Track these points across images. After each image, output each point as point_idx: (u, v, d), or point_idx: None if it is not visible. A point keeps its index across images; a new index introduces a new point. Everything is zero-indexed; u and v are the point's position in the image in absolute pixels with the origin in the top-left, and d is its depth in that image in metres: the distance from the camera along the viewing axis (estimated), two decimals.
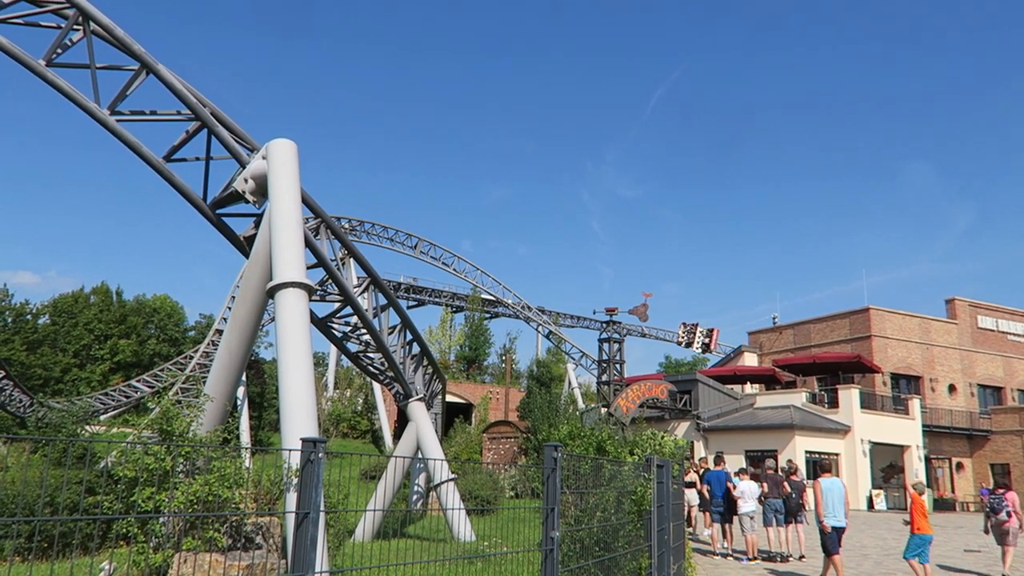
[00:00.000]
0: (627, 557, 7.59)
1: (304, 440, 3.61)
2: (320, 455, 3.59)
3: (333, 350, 52.56)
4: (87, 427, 36.02)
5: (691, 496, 18.94)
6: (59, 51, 13.33)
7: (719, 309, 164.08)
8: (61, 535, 15.40)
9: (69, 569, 11.87)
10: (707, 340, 62.69)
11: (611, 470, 7.72)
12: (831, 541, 12.68)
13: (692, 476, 19.68)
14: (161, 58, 13.68)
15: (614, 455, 8.67)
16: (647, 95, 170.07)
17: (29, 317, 59.10)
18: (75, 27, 13.35)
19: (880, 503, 36.79)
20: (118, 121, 13.33)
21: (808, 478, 25.21)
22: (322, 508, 4.14)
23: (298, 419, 10.71)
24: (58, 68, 13.33)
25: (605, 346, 38.94)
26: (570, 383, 56.16)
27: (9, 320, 57.96)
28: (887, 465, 39.39)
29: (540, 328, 63.91)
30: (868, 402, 39.61)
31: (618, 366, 38.47)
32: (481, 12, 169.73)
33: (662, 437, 12.68)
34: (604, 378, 38.63)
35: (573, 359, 59.66)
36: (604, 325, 40.43)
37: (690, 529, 18.96)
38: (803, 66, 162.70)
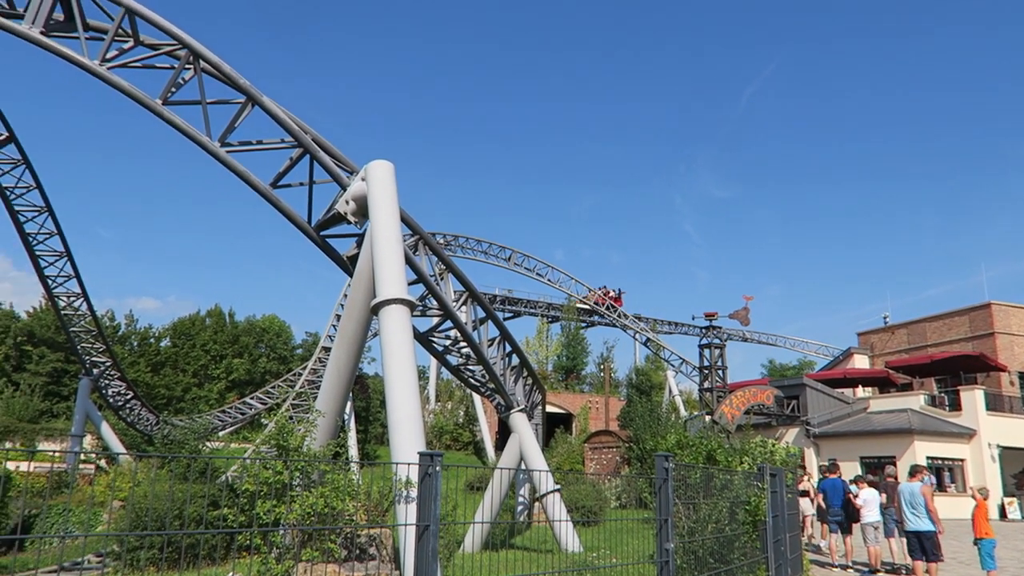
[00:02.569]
0: (743, 569, 7.37)
1: (422, 454, 3.70)
2: (437, 468, 3.67)
3: (434, 363, 53.54)
4: (207, 443, 38.06)
5: (805, 505, 18.23)
6: (173, 90, 14.22)
7: (824, 310, 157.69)
8: (189, 546, 16.24)
9: None
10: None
11: (722, 479, 7.53)
12: (911, 546, 12.55)
13: (805, 484, 18.94)
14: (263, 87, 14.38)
15: (724, 464, 8.45)
16: (739, 92, 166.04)
17: (152, 340, 63.04)
18: (186, 66, 14.22)
19: (1014, 511, 34.29)
20: (228, 152, 14.08)
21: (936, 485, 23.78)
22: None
23: (406, 432, 10.94)
24: (173, 106, 14.23)
25: (706, 352, 38.07)
26: (670, 391, 55.15)
27: (135, 344, 61.97)
28: (1020, 471, 36.70)
29: (637, 336, 63.10)
30: (994, 403, 37.04)
31: (720, 372, 37.52)
32: (563, 14, 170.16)
33: (772, 445, 12.26)
34: (706, 385, 37.75)
35: (673, 366, 58.58)
36: (703, 330, 39.54)
37: (805, 539, 18.24)
38: (904, 55, 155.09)
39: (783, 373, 79.81)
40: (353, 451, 42.45)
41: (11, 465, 29.84)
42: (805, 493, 18.37)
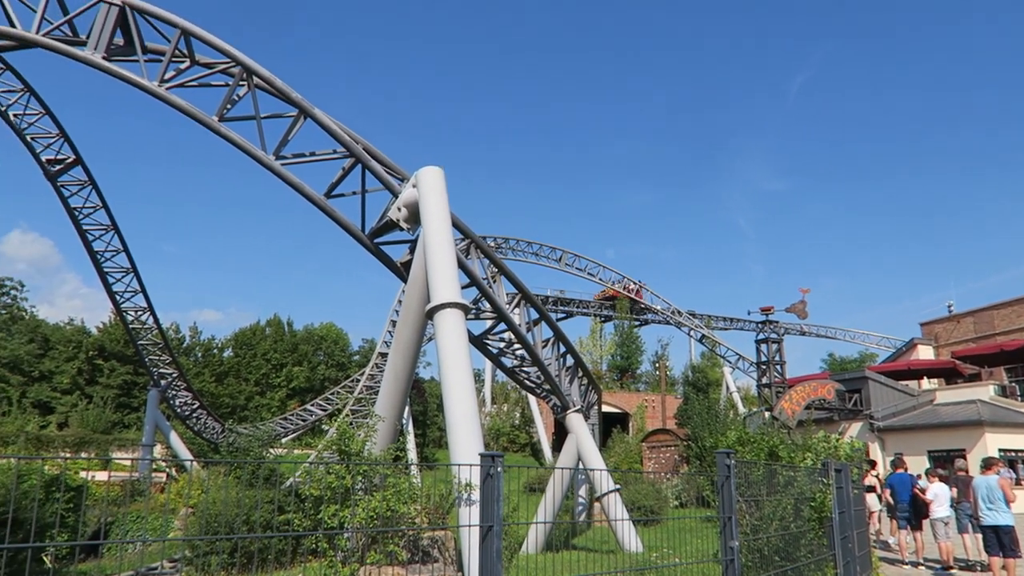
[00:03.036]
0: (811, 567, 7.24)
1: (483, 455, 3.76)
2: (499, 469, 3.72)
3: (488, 366, 53.83)
4: (271, 450, 38.93)
5: (872, 501, 17.78)
6: (228, 106, 14.64)
7: (885, 301, 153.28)
8: (257, 550, 16.64)
9: None
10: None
11: (786, 476, 7.41)
12: (987, 542, 12.08)
13: (871, 479, 18.47)
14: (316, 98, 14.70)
15: (787, 460, 8.31)
16: (788, 81, 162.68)
17: (215, 351, 64.83)
18: (240, 83, 14.62)
19: None
20: (283, 165, 14.43)
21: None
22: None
23: (464, 435, 11.05)
24: (229, 122, 14.65)
25: (763, 347, 37.42)
26: (728, 387, 54.35)
27: (199, 355, 63.82)
28: None
29: (692, 332, 62.36)
30: None
31: (778, 367, 36.84)
32: (603, 11, 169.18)
33: (836, 440, 12.00)
34: (764, 380, 37.11)
35: (729, 362, 57.72)
36: (760, 325, 38.89)
37: (873, 535, 17.78)
38: (959, 40, 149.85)
39: (844, 366, 77.82)
40: (412, 455, 42.92)
41: (87, 474, 31.04)
42: (871, 488, 17.92)
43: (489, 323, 18.45)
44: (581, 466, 19.86)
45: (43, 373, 55.91)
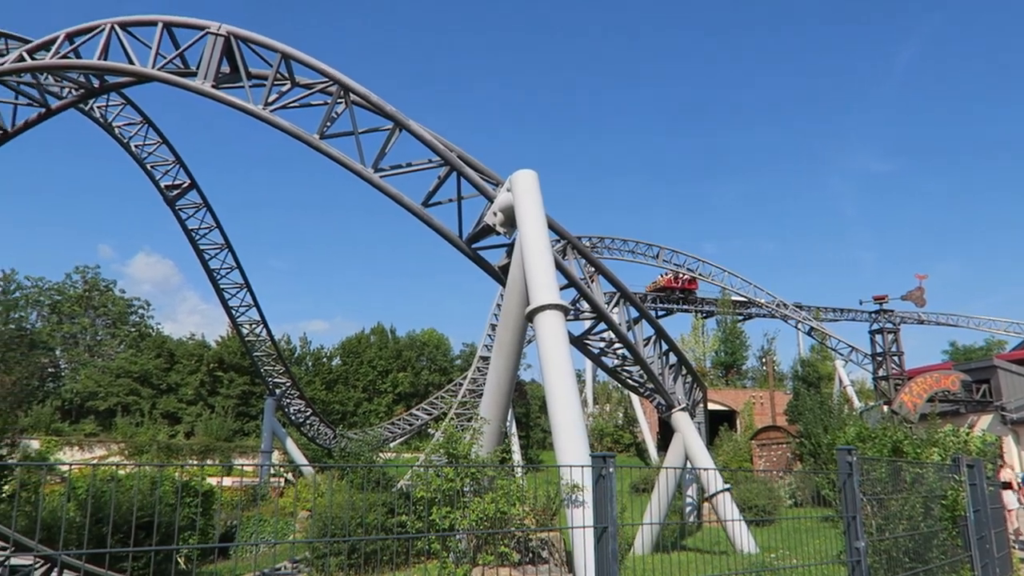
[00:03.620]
0: (944, 569, 6.83)
1: (595, 456, 3.74)
2: (611, 469, 3.69)
3: (589, 366, 53.61)
4: (380, 454, 40.13)
5: (1009, 499, 16.61)
6: (328, 124, 15.19)
7: (1011, 283, 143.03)
8: (372, 552, 17.13)
9: None
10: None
11: (912, 473, 7.02)
12: None
13: (1007, 475, 17.28)
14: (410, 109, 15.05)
15: (912, 456, 7.87)
16: (893, 56, 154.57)
17: (325, 360, 67.35)
18: (338, 100, 15.15)
19: None
20: (382, 177, 14.85)
21: None
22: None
23: (569, 437, 11.03)
24: (329, 139, 15.19)
25: (878, 338, 35.67)
26: (840, 381, 52.08)
27: (310, 364, 66.47)
28: None
29: (800, 325, 60.11)
30: None
31: (896, 358, 35.02)
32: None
33: (966, 433, 11.28)
34: (880, 373, 35.35)
35: (841, 355, 55.27)
36: (874, 315, 37.08)
37: (1012, 535, 16.61)
38: None
39: (968, 356, 73.08)
40: (517, 457, 43.22)
41: (213, 480, 32.86)
42: (1007, 485, 16.77)
43: (588, 323, 18.37)
44: (689, 465, 19.49)
45: (170, 386, 59.56)
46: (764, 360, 60.36)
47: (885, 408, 33.01)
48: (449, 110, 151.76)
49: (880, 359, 35.40)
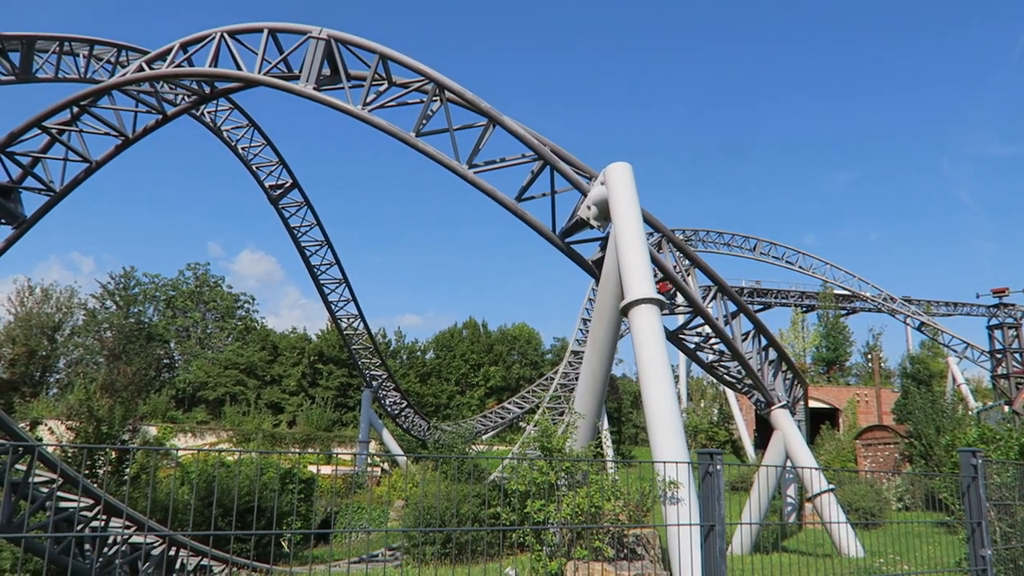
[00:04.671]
0: None
1: (701, 452, 3.67)
2: (719, 467, 3.61)
3: (683, 362, 52.74)
4: (473, 446, 40.73)
5: None
6: (424, 122, 15.47)
7: None
8: (467, 542, 17.40)
9: (483, 571, 13.25)
10: None
11: None
12: None
13: None
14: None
15: None
16: (1018, 32, 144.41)
17: (419, 354, 68.88)
18: (434, 98, 15.41)
19: None
20: (476, 173, 15.02)
21: None
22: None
23: (666, 433, 10.89)
24: (425, 136, 15.48)
25: (997, 334, 33.57)
26: (954, 379, 49.31)
27: (404, 357, 68.11)
28: None
29: (909, 320, 57.23)
30: None
31: (1017, 355, 32.83)
32: None
33: None
34: (1000, 371, 33.24)
35: (955, 352, 52.30)
36: (992, 309, 34.89)
37: None
38: None
39: None
40: (609, 452, 42.98)
41: (312, 468, 34.17)
42: None
43: (683, 318, 18.07)
44: (788, 464, 18.90)
45: (273, 377, 62.28)
46: (869, 356, 57.77)
47: (1006, 408, 31.04)
48: (543, 98, 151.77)
49: (999, 356, 33.31)
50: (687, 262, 17.91)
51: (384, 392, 43.97)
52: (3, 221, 18.18)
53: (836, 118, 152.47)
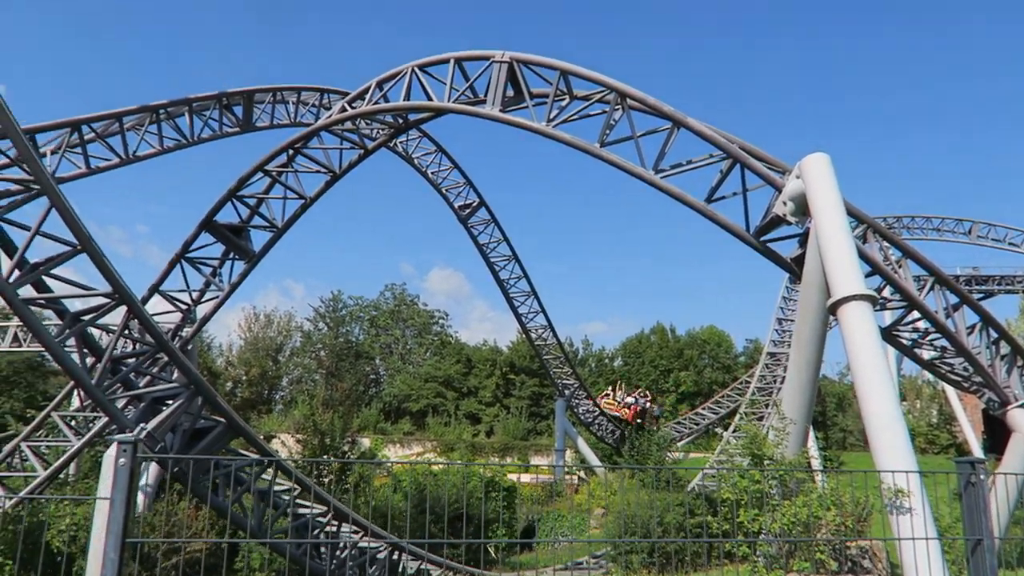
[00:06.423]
0: None
1: (960, 461, 3.47)
2: (982, 476, 3.39)
3: (893, 360, 48.81)
4: (668, 453, 40.11)
5: None
6: (607, 131, 15.58)
7: None
8: (673, 551, 17.19)
9: None
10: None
11: None
12: None
13: None
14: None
15: None
16: None
17: (607, 361, 69.01)
18: (615, 107, 15.49)
19: None
20: (663, 178, 14.89)
21: None
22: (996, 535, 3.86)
23: (890, 437, 10.27)
24: (609, 146, 15.58)
25: None
26: None
27: (593, 365, 68.53)
28: None
29: None
30: None
31: None
32: None
33: None
34: None
35: None
36: None
37: None
38: None
39: None
40: (815, 460, 40.59)
41: (513, 477, 35.24)
42: None
43: (898, 313, 16.77)
44: None
45: (469, 389, 65.00)
46: None
47: None
48: (732, 96, 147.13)
49: None
50: (897, 253, 16.63)
51: (576, 401, 44.42)
52: (238, 257, 20.54)
53: None
